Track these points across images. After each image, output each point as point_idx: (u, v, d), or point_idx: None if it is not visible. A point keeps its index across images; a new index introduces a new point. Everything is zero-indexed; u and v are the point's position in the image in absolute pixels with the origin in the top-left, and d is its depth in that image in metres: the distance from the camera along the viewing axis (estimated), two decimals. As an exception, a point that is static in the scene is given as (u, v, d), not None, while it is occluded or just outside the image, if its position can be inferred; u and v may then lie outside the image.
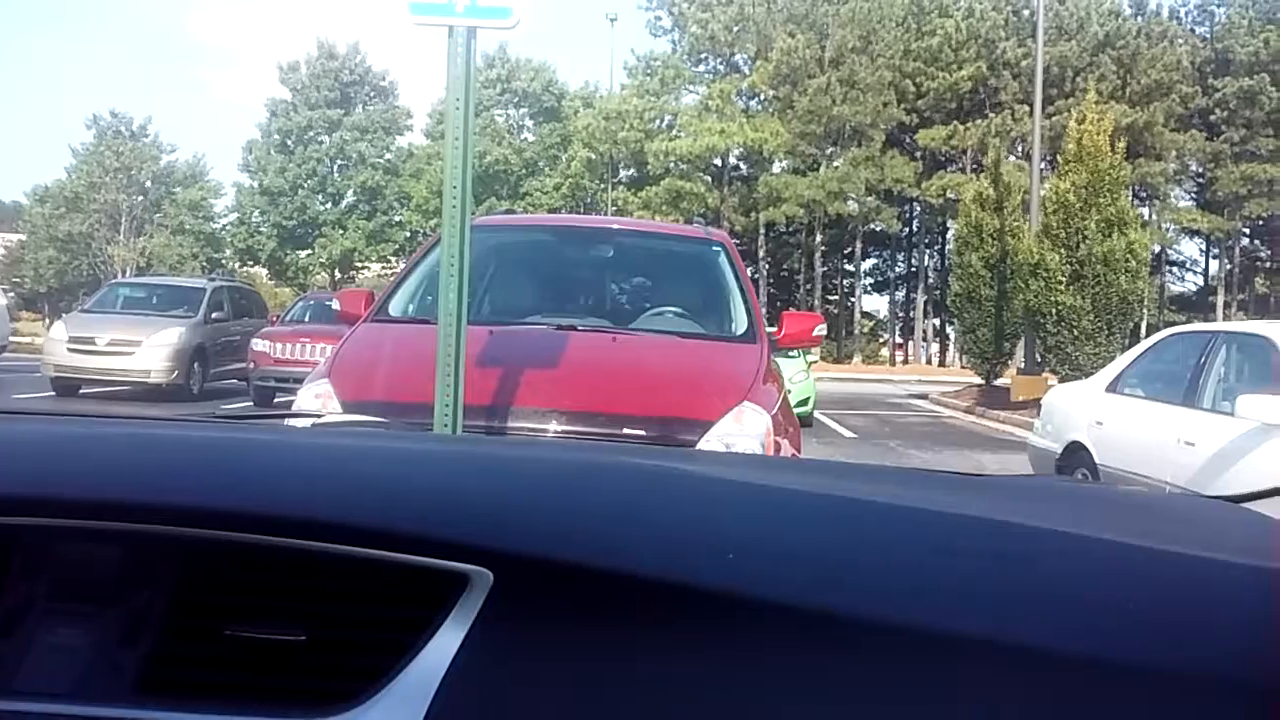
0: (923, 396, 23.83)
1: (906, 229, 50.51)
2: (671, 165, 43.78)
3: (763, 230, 45.74)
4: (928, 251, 50.38)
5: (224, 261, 52.75)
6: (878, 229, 47.97)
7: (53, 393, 14.48)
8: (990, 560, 0.86)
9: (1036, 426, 8.40)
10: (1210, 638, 0.77)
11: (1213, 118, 43.62)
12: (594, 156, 45.30)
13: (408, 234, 49.54)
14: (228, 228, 53.74)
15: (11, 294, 39.01)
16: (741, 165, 47.50)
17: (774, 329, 4.76)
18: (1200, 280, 51.60)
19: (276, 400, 13.30)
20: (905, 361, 48.45)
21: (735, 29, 45.26)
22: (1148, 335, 9.88)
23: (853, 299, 50.02)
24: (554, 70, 51.22)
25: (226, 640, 0.82)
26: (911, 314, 51.16)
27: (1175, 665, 0.74)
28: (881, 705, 0.74)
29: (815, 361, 17.47)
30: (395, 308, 4.56)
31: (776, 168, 45.56)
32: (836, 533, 0.92)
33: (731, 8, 45.02)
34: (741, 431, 3.55)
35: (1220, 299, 46.79)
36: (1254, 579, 0.86)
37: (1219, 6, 46.30)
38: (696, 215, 42.87)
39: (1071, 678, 0.73)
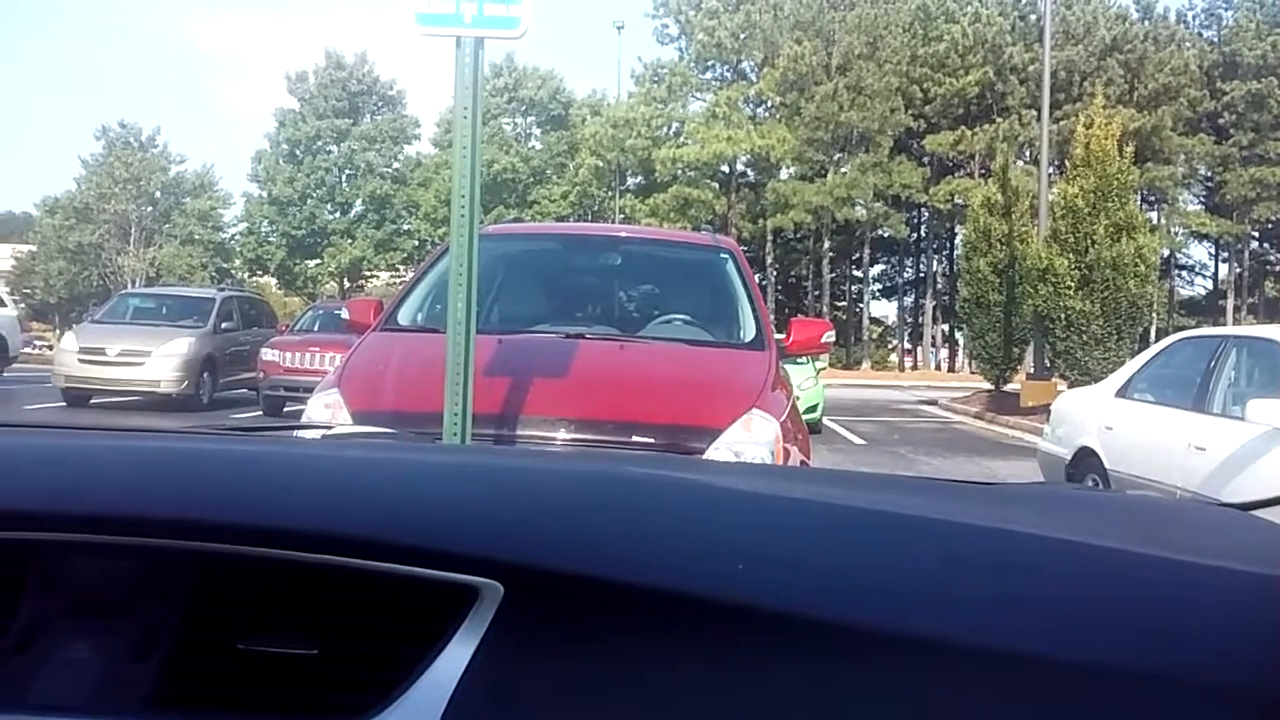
0: (932, 402, 23.78)
1: (915, 234, 50.46)
2: (679, 172, 43.80)
3: (770, 237, 45.70)
4: (936, 257, 50.30)
5: (233, 271, 52.95)
6: (886, 235, 47.88)
7: (63, 403, 14.52)
8: (996, 569, 0.86)
9: (1046, 432, 8.38)
10: (1218, 647, 0.77)
11: (1221, 121, 43.53)
12: (601, 164, 45.32)
13: (416, 243, 49.61)
14: (237, 237, 53.89)
15: (22, 305, 39.16)
16: (749, 172, 47.49)
17: (782, 335, 4.76)
18: (1210, 284, 51.47)
19: (286, 409, 13.32)
20: (914, 367, 48.35)
21: (742, 36, 45.28)
22: (1157, 340, 9.86)
23: (861, 305, 49.97)
24: (561, 78, 51.34)
25: (238, 654, 0.82)
26: (920, 320, 51.07)
27: (1183, 674, 0.74)
28: (889, 715, 0.74)
29: (824, 368, 17.45)
30: (404, 317, 4.57)
31: (784, 174, 45.56)
32: (847, 542, 0.92)
33: (738, 15, 45.06)
34: (750, 439, 3.55)
35: (1230, 303, 46.63)
36: (1263, 587, 0.86)
37: (1226, 10, 46.26)
38: (704, 222, 42.87)
39: (1078, 686, 0.73)
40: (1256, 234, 47.71)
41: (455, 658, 0.79)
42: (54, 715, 0.80)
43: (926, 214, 48.45)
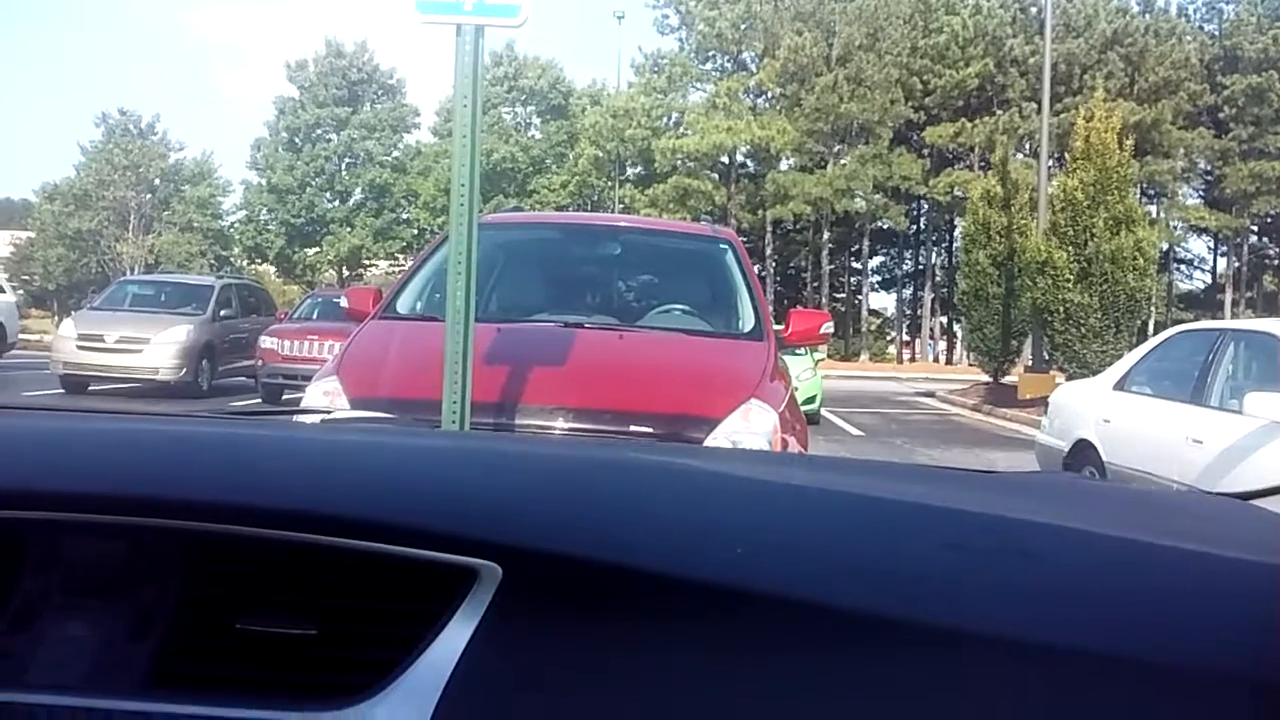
0: (930, 394, 23.80)
1: (914, 226, 50.45)
2: (679, 163, 43.78)
3: (770, 228, 45.69)
4: (935, 249, 50.31)
5: (232, 259, 52.90)
6: (885, 226, 47.89)
7: (61, 390, 14.52)
8: (996, 556, 0.86)
9: (1044, 424, 8.39)
10: (1217, 634, 0.77)
11: (1221, 115, 43.49)
12: (601, 154, 45.31)
13: (415, 231, 49.59)
14: (236, 225, 53.85)
15: (21, 292, 39.10)
16: (749, 163, 47.47)
17: (781, 326, 4.76)
18: (1208, 278, 51.52)
19: (285, 397, 13.32)
20: (912, 359, 48.40)
21: (742, 27, 45.21)
22: (1155, 333, 9.86)
23: (860, 297, 49.97)
24: (561, 68, 51.34)
25: (236, 634, 0.83)
26: (919, 312, 51.09)
27: (1181, 661, 0.74)
28: (888, 701, 0.74)
29: (822, 359, 17.47)
30: (403, 305, 4.57)
31: (784, 165, 45.54)
32: (843, 529, 0.92)
33: (739, 6, 44.98)
34: (748, 429, 3.55)
35: (1228, 296, 46.67)
36: (1261, 576, 0.87)
37: (1227, 3, 46.21)
38: (704, 213, 42.83)
39: (1078, 673, 0.73)
40: (1255, 228, 47.71)
41: (453, 639, 0.79)
42: (52, 694, 0.80)
43: (926, 206, 48.46)
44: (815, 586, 0.80)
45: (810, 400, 13.95)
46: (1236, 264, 48.30)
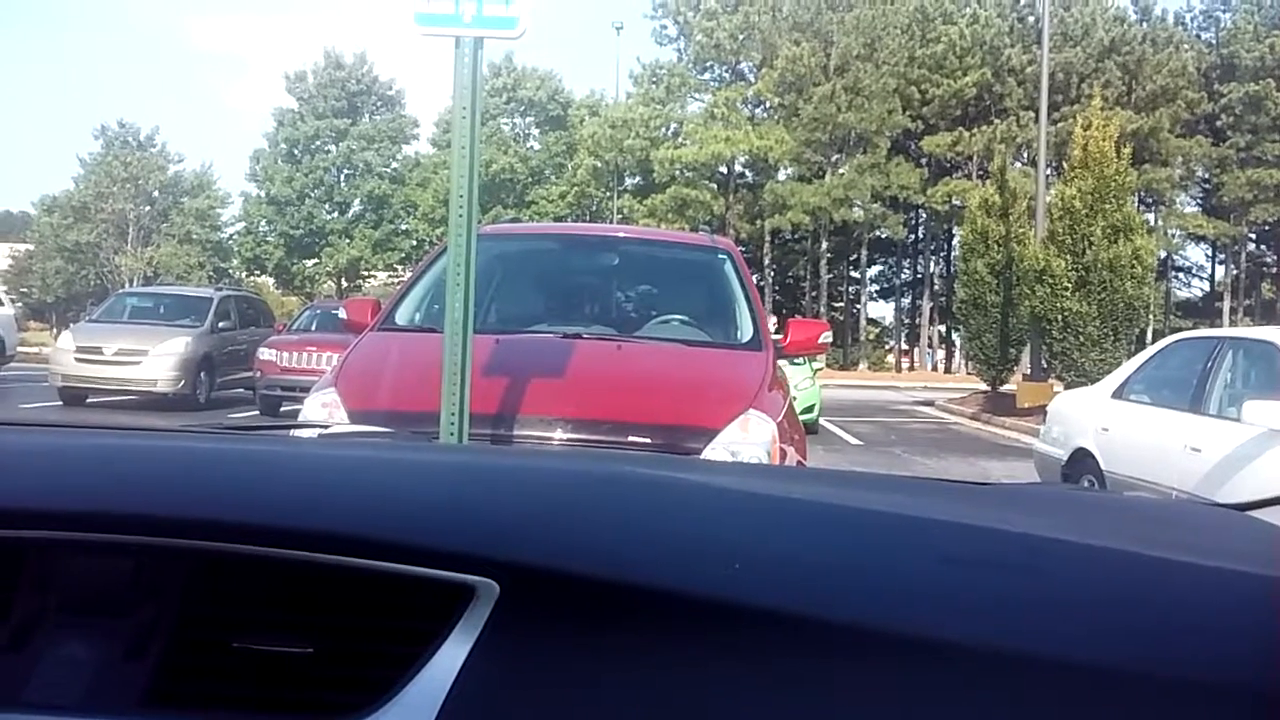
0: (928, 403, 23.79)
1: (912, 236, 50.44)
2: (677, 173, 43.78)
3: (768, 237, 45.71)
4: (933, 258, 50.32)
5: (231, 271, 52.89)
6: (883, 236, 47.88)
7: (60, 402, 14.51)
8: (996, 569, 0.86)
9: (1042, 433, 8.39)
10: (1216, 645, 0.77)
11: (1219, 123, 43.54)
12: (600, 165, 45.32)
13: (414, 243, 49.57)
14: (235, 237, 53.83)
15: (19, 304, 39.10)
16: (747, 173, 47.47)
17: (779, 336, 4.77)
18: (1206, 286, 51.49)
19: (283, 409, 13.31)
20: (911, 368, 48.36)
21: (740, 37, 45.25)
22: (1154, 341, 9.86)
23: (858, 306, 49.97)
24: (560, 79, 51.36)
25: (233, 652, 0.82)
26: (917, 321, 51.07)
27: (1181, 673, 0.74)
28: (887, 715, 0.74)
29: (821, 369, 17.47)
30: (402, 316, 4.57)
31: (782, 175, 45.52)
32: (842, 542, 0.92)
33: (737, 16, 45.03)
34: (747, 439, 3.55)
35: (1226, 304, 46.67)
36: (1260, 587, 0.86)
37: (1224, 12, 46.27)
38: (702, 223, 42.85)
39: (1077, 685, 0.73)
40: (1253, 236, 47.73)
41: (451, 657, 0.79)
42: (49, 714, 0.79)
43: (924, 215, 48.43)
44: (812, 601, 0.80)
45: (809, 409, 13.94)
46: (1235, 272, 48.33)
